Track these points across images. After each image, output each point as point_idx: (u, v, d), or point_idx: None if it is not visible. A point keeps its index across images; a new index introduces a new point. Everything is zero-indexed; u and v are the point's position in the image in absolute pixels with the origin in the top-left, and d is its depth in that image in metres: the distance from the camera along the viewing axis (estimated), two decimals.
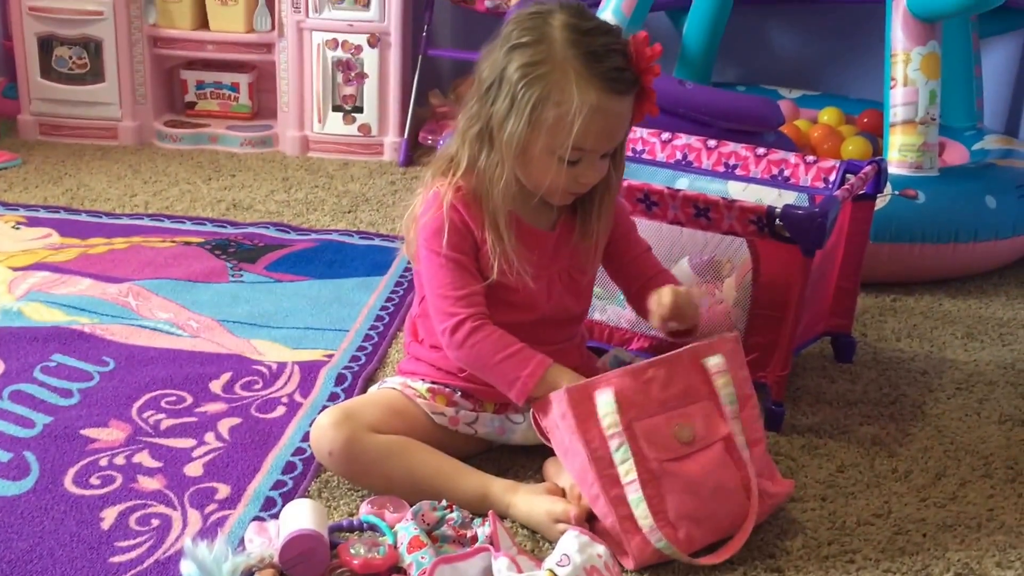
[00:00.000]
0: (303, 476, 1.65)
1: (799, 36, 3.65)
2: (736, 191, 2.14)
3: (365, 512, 1.54)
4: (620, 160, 1.67)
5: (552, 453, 1.59)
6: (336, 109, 3.39)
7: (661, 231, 1.93)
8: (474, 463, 1.65)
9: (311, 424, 1.65)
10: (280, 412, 1.83)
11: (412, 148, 3.40)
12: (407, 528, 1.46)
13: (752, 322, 1.89)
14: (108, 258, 2.45)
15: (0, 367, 1.93)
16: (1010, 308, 2.46)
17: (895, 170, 2.50)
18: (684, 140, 2.17)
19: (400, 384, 1.70)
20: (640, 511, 1.44)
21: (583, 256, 1.72)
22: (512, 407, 1.70)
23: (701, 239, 1.93)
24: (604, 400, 1.49)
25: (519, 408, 1.70)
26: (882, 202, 2.36)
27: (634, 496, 1.45)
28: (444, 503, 1.53)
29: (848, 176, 2.01)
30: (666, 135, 2.19)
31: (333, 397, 1.89)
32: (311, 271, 2.45)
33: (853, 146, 2.96)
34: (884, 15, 2.61)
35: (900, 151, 2.53)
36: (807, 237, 1.75)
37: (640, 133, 2.20)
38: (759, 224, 1.79)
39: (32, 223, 2.66)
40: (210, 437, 1.74)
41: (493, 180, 1.60)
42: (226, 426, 1.78)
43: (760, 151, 2.11)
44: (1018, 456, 1.82)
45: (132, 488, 1.60)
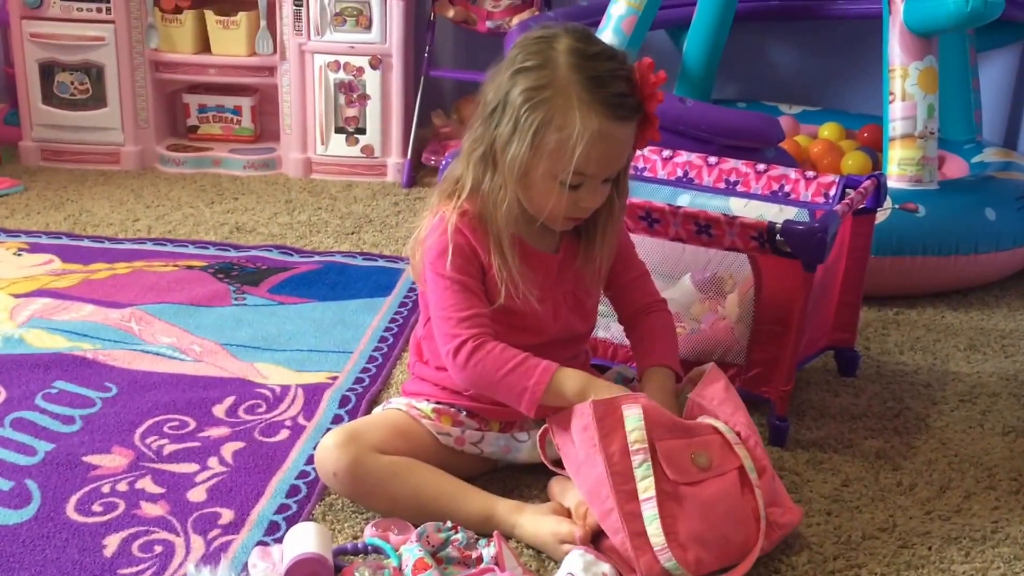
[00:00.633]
0: (307, 499, 1.64)
1: (799, 53, 3.66)
2: (737, 207, 2.14)
3: (369, 535, 1.53)
4: (623, 185, 1.67)
5: (555, 473, 1.59)
6: (339, 131, 3.40)
7: (663, 248, 1.93)
8: (479, 483, 1.64)
9: (315, 447, 1.65)
10: (284, 435, 1.83)
11: (415, 169, 3.41)
12: (412, 550, 1.46)
13: (755, 337, 1.89)
14: (110, 283, 2.45)
15: (2, 394, 1.93)
16: (1012, 319, 2.46)
17: (895, 184, 2.50)
18: (685, 157, 2.18)
19: (405, 405, 1.70)
20: (653, 528, 1.44)
21: (588, 278, 1.71)
22: (517, 426, 1.70)
23: (703, 256, 1.94)
24: (633, 414, 1.49)
25: (524, 427, 1.70)
26: (883, 216, 2.36)
27: (649, 513, 1.45)
28: (449, 524, 1.53)
29: (848, 191, 2.01)
30: (667, 152, 2.20)
31: (337, 419, 1.88)
32: (314, 293, 2.45)
33: (853, 161, 2.97)
34: (882, 31, 2.62)
35: (900, 165, 2.54)
36: (808, 252, 1.75)
37: (641, 151, 2.21)
38: (760, 240, 1.79)
39: (34, 249, 2.66)
40: (213, 462, 1.74)
41: (496, 203, 1.59)
42: (229, 450, 1.78)
43: (760, 167, 2.11)
44: (1022, 467, 1.82)
45: (135, 515, 1.59)
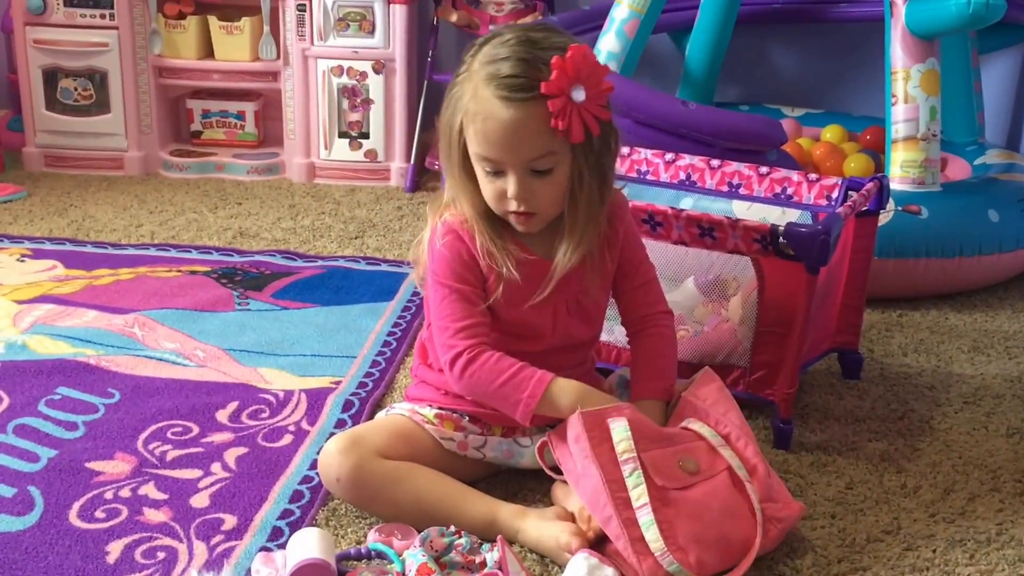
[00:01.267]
0: (310, 505, 1.64)
1: (801, 55, 3.65)
2: (740, 210, 2.14)
3: (373, 540, 1.53)
4: (585, 184, 1.58)
5: (556, 479, 1.59)
6: (342, 135, 3.40)
7: (666, 251, 1.93)
8: (482, 487, 1.65)
9: (319, 452, 1.65)
10: (287, 440, 1.83)
11: (419, 173, 3.41)
12: (415, 555, 1.46)
13: (758, 340, 1.89)
14: (114, 289, 2.45)
15: (4, 401, 1.94)
16: (1016, 321, 2.46)
17: (898, 186, 2.50)
18: (687, 160, 2.18)
19: (408, 410, 1.70)
20: (651, 534, 1.44)
21: (588, 280, 1.69)
22: (520, 431, 1.70)
23: (706, 258, 1.93)
24: (619, 426, 1.51)
25: (527, 431, 1.70)
26: (886, 218, 2.36)
27: (645, 519, 1.45)
28: (452, 529, 1.53)
29: (851, 193, 2.01)
30: (670, 155, 2.20)
31: (340, 424, 1.88)
32: (318, 298, 2.45)
33: (855, 163, 2.96)
34: (884, 33, 2.62)
35: (902, 167, 2.53)
36: (811, 254, 1.75)
37: (644, 154, 2.21)
38: (763, 242, 1.79)
39: (37, 255, 2.66)
40: (216, 467, 1.74)
41: (460, 200, 1.62)
42: (233, 456, 1.78)
43: (763, 170, 2.11)
44: None
45: (138, 521, 1.59)
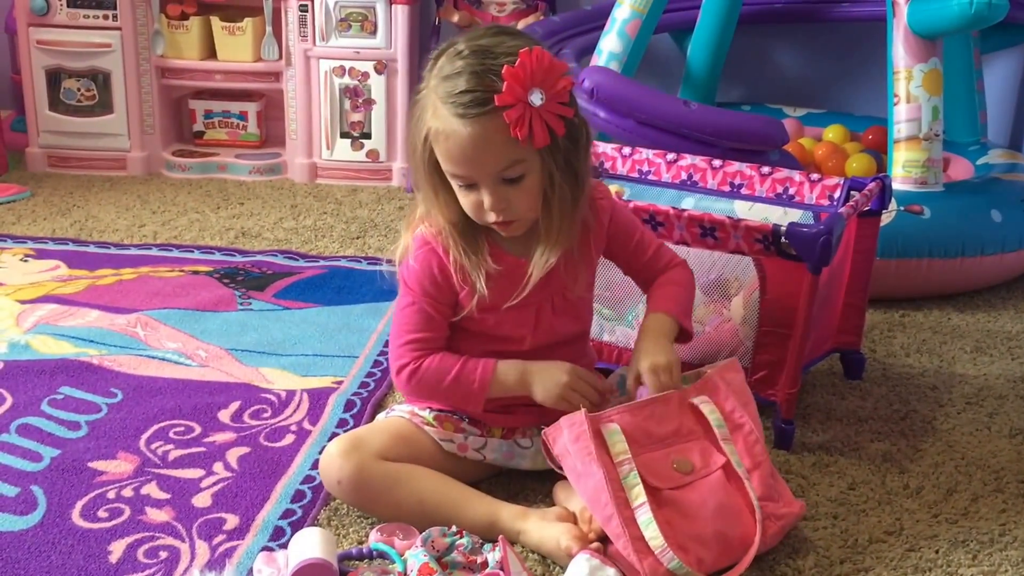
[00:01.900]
0: (312, 504, 1.64)
1: (803, 55, 3.65)
2: (742, 210, 2.14)
3: (375, 540, 1.53)
4: (557, 185, 1.56)
5: (561, 477, 1.59)
6: (344, 136, 3.40)
7: None
8: (483, 488, 1.65)
9: (320, 452, 1.65)
10: (289, 440, 1.83)
11: None
12: (417, 555, 1.46)
13: (760, 340, 1.89)
14: (116, 289, 2.46)
15: (8, 400, 1.94)
16: (1019, 321, 2.45)
17: (900, 186, 2.50)
18: (689, 160, 2.17)
19: (407, 413, 1.70)
20: (650, 532, 1.44)
21: (571, 276, 1.66)
22: (519, 432, 1.70)
23: (708, 258, 1.93)
24: (612, 429, 1.52)
25: (527, 433, 1.71)
26: (888, 218, 2.36)
27: (644, 518, 1.45)
28: (454, 529, 1.53)
29: (853, 193, 2.01)
30: (671, 156, 2.19)
31: (342, 424, 1.88)
32: (320, 298, 2.46)
33: (857, 163, 2.96)
34: (886, 33, 2.62)
35: (905, 167, 2.53)
36: (813, 254, 1.75)
37: (646, 154, 2.21)
38: (765, 242, 1.79)
39: (40, 255, 2.67)
40: (219, 467, 1.74)
41: (435, 216, 1.64)
42: (235, 456, 1.78)
43: (765, 170, 2.11)
44: None
45: (140, 520, 1.60)
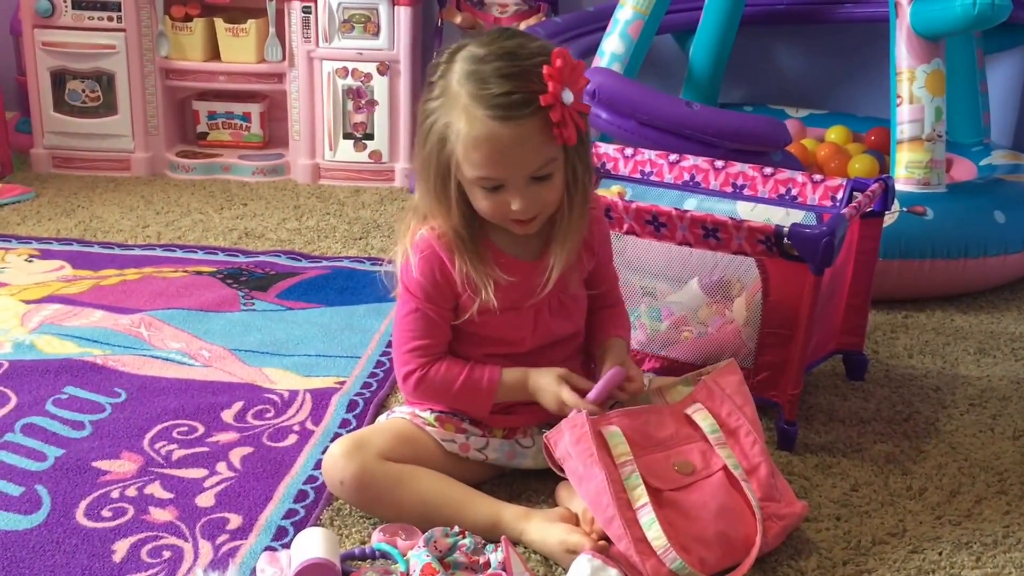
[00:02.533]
0: (315, 504, 1.64)
1: (805, 56, 3.65)
2: (744, 211, 2.14)
3: (377, 540, 1.53)
4: (582, 183, 1.59)
5: (564, 478, 1.59)
6: (347, 137, 3.41)
7: (670, 252, 1.93)
8: (485, 488, 1.65)
9: (323, 452, 1.66)
10: (292, 440, 1.84)
11: None
12: (419, 555, 1.46)
13: (763, 341, 1.89)
14: (120, 289, 2.46)
15: (12, 400, 1.94)
16: (1022, 322, 2.45)
17: (903, 187, 2.49)
18: (692, 161, 2.17)
19: (408, 414, 1.70)
20: (653, 533, 1.44)
21: (568, 279, 1.68)
22: (521, 431, 1.71)
23: (710, 259, 1.93)
24: (612, 431, 1.52)
25: (528, 432, 1.71)
26: (891, 219, 2.36)
27: (646, 519, 1.45)
28: (456, 529, 1.53)
29: (855, 194, 2.01)
30: (674, 157, 2.19)
31: (345, 424, 1.89)
32: (323, 298, 2.46)
33: (860, 164, 2.96)
34: (889, 34, 2.62)
35: (907, 168, 2.53)
36: (816, 255, 1.75)
37: (648, 155, 2.21)
38: (768, 243, 1.79)
39: (45, 256, 2.67)
40: (222, 467, 1.75)
41: (440, 223, 1.63)
42: (238, 455, 1.78)
43: (767, 171, 2.11)
44: None
45: (144, 520, 1.60)
